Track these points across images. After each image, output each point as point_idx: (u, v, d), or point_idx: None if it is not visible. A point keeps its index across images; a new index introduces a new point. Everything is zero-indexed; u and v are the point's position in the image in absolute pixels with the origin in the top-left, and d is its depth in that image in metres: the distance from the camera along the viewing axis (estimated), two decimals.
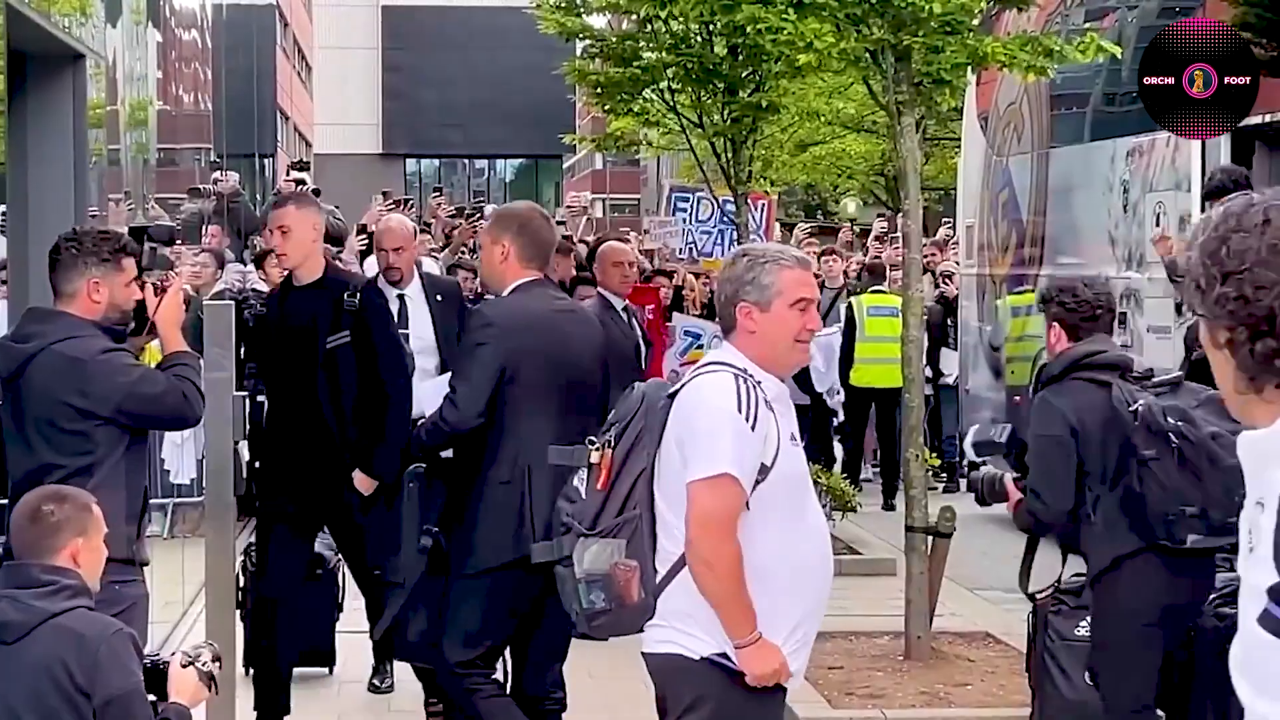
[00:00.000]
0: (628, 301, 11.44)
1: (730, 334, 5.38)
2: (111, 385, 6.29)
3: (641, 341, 11.30)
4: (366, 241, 16.44)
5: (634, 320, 11.42)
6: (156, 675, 5.26)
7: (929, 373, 16.56)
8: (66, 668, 4.99)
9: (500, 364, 7.06)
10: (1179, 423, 6.98)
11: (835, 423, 17.66)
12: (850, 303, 17.08)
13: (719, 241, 16.43)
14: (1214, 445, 6.89)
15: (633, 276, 11.42)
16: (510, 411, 7.09)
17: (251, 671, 8.88)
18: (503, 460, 7.08)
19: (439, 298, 9.82)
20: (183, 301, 6.90)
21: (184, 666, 5.29)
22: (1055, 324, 7.29)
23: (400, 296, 10.12)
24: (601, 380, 7.36)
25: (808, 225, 25.71)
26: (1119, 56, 11.80)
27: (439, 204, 19.39)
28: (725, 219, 15.79)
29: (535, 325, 7.15)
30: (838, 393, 17.11)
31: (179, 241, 13.14)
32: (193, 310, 9.20)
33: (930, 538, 10.13)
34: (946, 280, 18.55)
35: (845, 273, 18.60)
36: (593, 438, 5.48)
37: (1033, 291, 15.37)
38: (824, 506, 13.38)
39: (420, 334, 10.00)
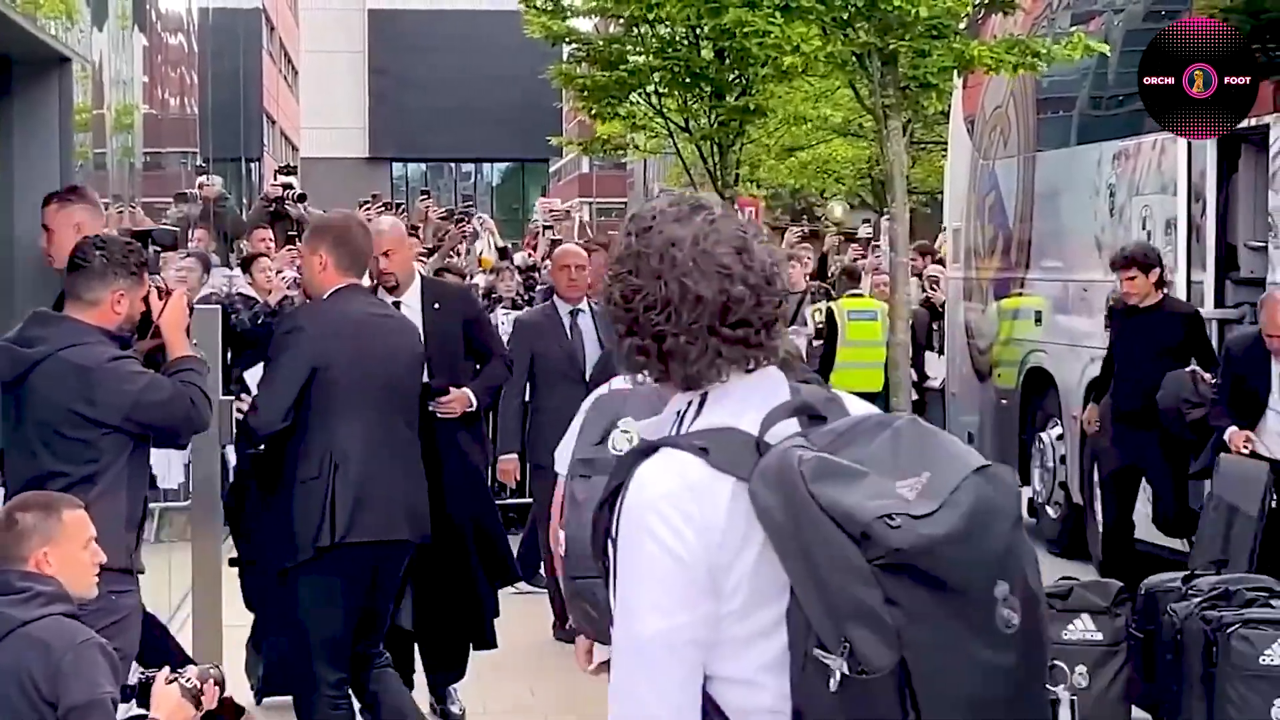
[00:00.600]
0: (581, 304, 10.84)
1: None
2: (119, 393, 6.24)
3: (599, 345, 10.40)
4: None
5: (593, 323, 10.67)
6: (145, 691, 5.25)
7: (914, 376, 16.54)
8: (32, 676, 4.98)
9: (308, 366, 7.18)
10: None
11: None
12: (829, 307, 17.05)
13: None
14: None
15: (581, 280, 10.89)
16: (319, 411, 7.20)
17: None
18: (310, 457, 7.18)
19: (436, 305, 9.69)
20: (186, 305, 6.86)
21: (168, 683, 5.25)
22: None
23: (395, 304, 10.10)
24: (419, 381, 7.72)
25: (799, 229, 25.69)
26: (1106, 57, 11.82)
27: (428, 207, 19.37)
28: None
29: (347, 329, 7.28)
30: None
31: (179, 246, 13.11)
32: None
33: None
34: (934, 285, 18.54)
35: (808, 276, 18.54)
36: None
37: (1020, 295, 15.38)
38: None
39: None
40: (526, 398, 10.98)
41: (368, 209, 17.45)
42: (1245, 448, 10.28)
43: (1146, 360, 11.32)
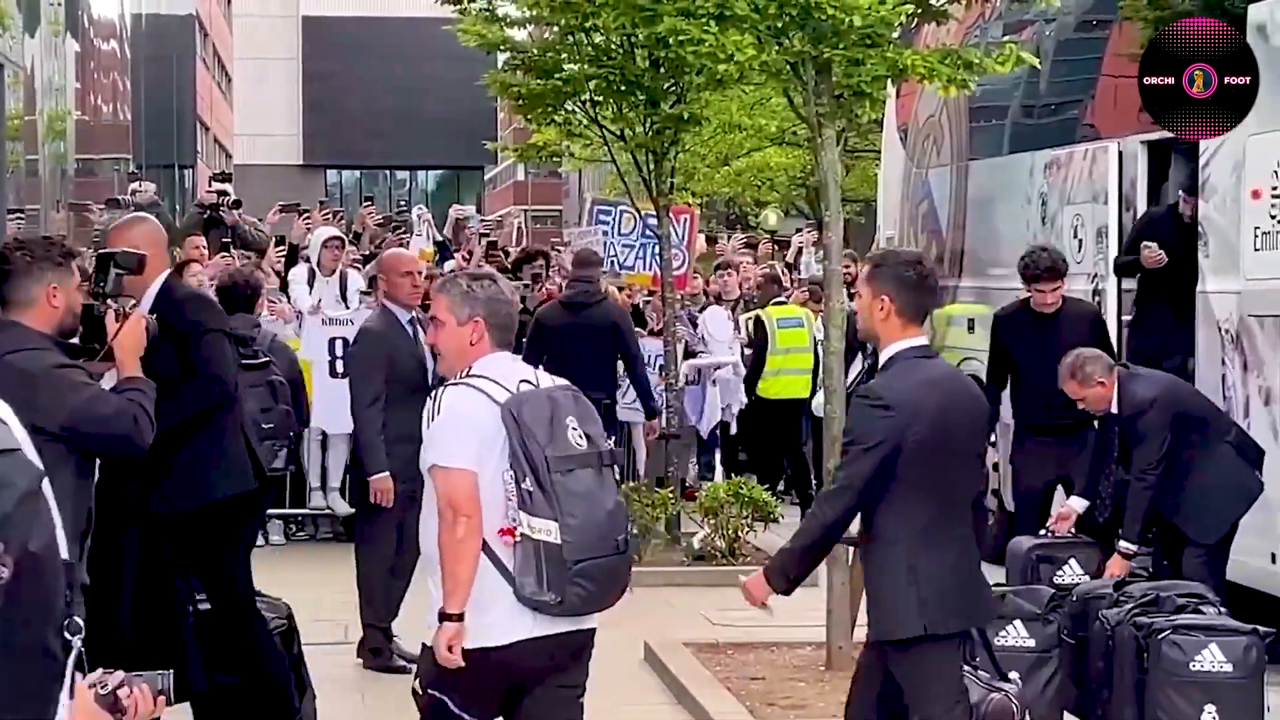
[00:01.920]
0: (415, 312, 10.49)
1: None
2: (61, 402, 6.19)
3: (429, 355, 9.89)
4: (286, 253, 16.41)
5: (420, 332, 10.22)
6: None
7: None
8: None
9: None
10: None
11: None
12: (758, 315, 17.10)
13: (640, 255, 16.44)
14: None
15: (422, 286, 10.54)
16: None
17: None
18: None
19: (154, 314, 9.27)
20: (144, 330, 6.80)
21: (89, 688, 5.08)
22: None
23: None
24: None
25: (743, 237, 25.73)
26: (1037, 66, 11.88)
27: (368, 213, 19.35)
28: (647, 232, 15.81)
29: None
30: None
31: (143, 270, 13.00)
32: None
33: (851, 548, 10.15)
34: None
35: (740, 285, 18.60)
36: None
37: (953, 303, 15.44)
38: (746, 518, 13.49)
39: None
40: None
41: (308, 218, 17.37)
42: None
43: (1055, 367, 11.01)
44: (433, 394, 6.15)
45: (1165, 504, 9.63)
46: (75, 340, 6.68)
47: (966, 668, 6.75)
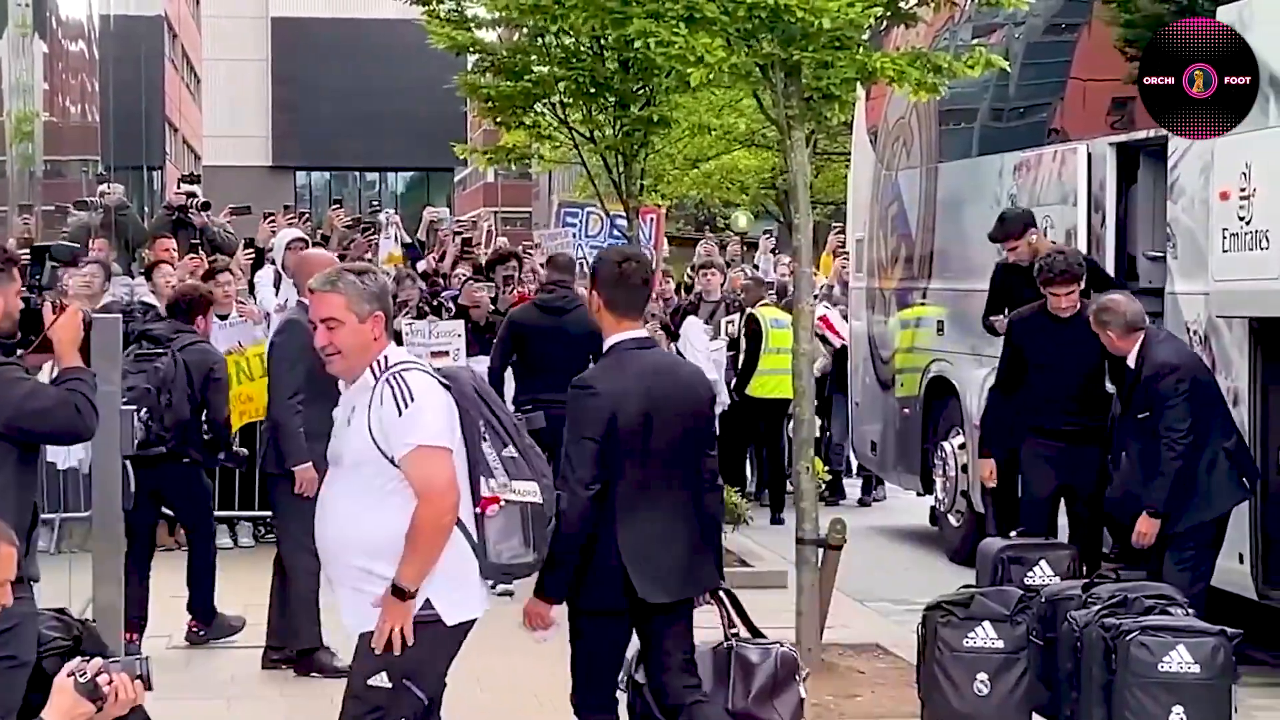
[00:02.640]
0: None
1: None
2: (2, 399, 6.20)
3: None
4: (254, 256, 16.38)
5: None
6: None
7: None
8: None
9: None
10: None
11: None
12: (751, 314, 17.10)
13: None
14: None
15: None
16: None
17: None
18: None
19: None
20: (81, 321, 6.79)
21: (67, 676, 5.05)
22: None
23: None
24: None
25: (714, 237, 25.70)
26: (1007, 71, 11.90)
27: (337, 215, 19.30)
28: (615, 233, 15.80)
29: None
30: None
31: (80, 263, 12.98)
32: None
33: (821, 550, 10.16)
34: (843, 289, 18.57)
35: (721, 286, 18.59)
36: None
37: (922, 305, 15.47)
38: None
39: None
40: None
41: (274, 221, 17.32)
42: None
43: (1077, 374, 10.87)
44: (385, 382, 6.12)
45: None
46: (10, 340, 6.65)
47: (733, 636, 7.46)
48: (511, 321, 13.45)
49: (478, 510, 6.16)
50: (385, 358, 6.18)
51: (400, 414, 6.03)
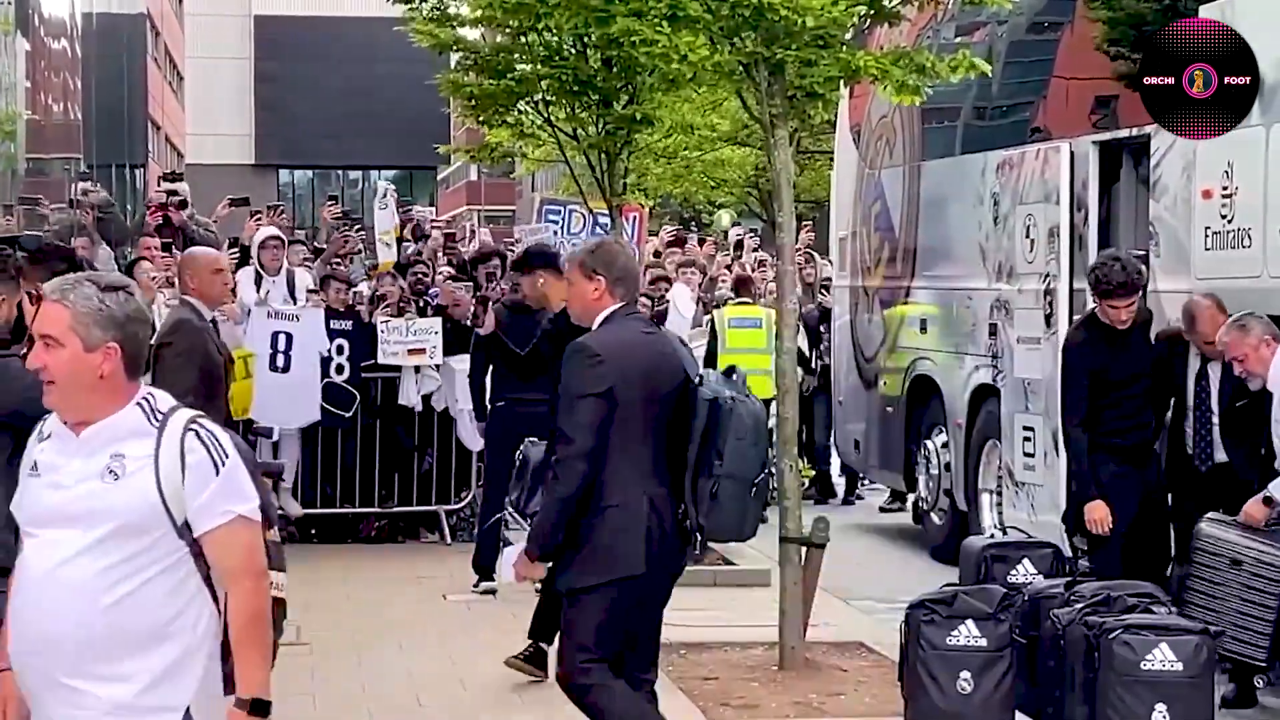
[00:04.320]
0: (215, 313, 10.22)
1: None
2: (7, 389, 6.22)
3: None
4: (239, 254, 16.35)
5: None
6: None
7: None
8: None
9: None
10: None
11: None
12: (712, 315, 17.08)
13: None
14: None
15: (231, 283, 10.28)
16: None
17: None
18: None
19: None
20: None
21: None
22: None
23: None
24: None
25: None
26: (989, 74, 11.90)
27: (330, 210, 19.32)
28: (598, 231, 15.77)
29: None
30: None
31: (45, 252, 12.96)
32: None
33: (804, 548, 10.17)
34: (824, 290, 18.57)
35: (701, 285, 18.54)
36: None
37: (905, 303, 15.48)
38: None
39: None
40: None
41: (259, 218, 17.27)
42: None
43: (1142, 386, 10.36)
44: (187, 430, 4.80)
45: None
46: None
47: None
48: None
49: None
50: (152, 396, 4.87)
51: (218, 473, 4.75)
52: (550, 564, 7.11)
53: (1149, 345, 10.45)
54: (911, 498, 15.79)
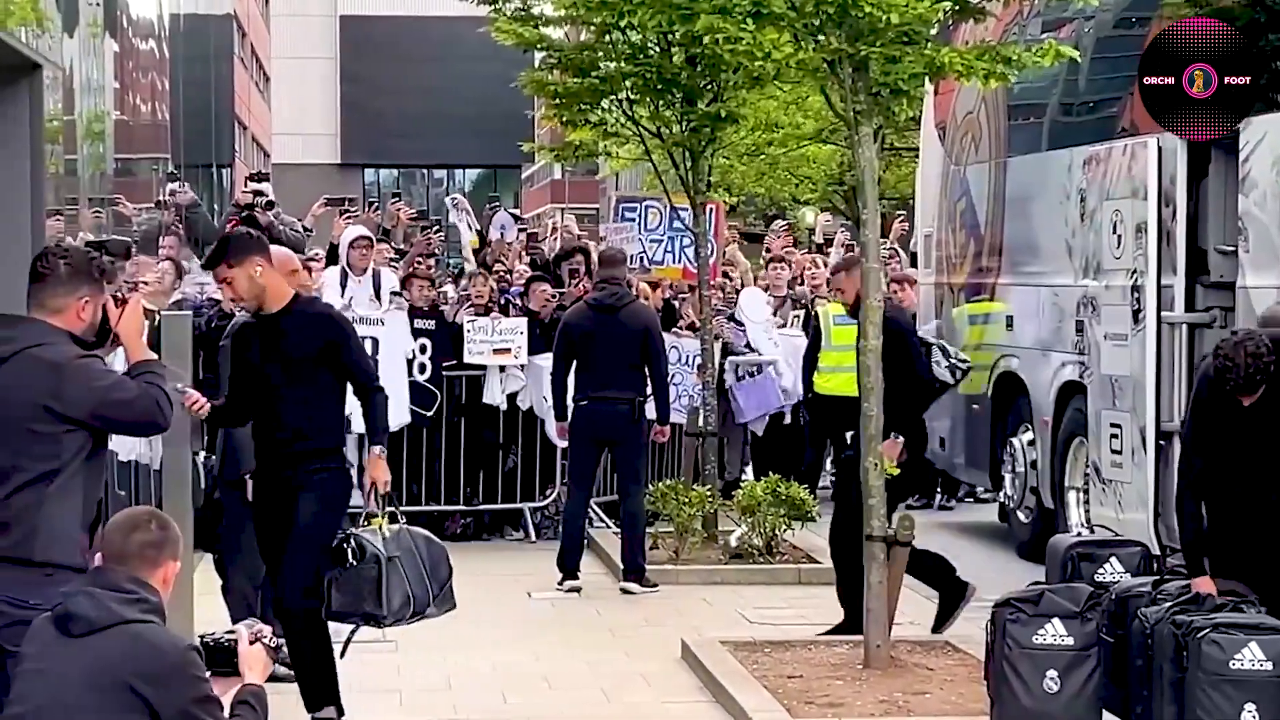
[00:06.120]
0: None
1: None
2: (87, 390, 6.29)
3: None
4: (326, 252, 16.45)
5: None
6: (225, 653, 5.60)
7: None
8: (138, 675, 5.22)
9: None
10: None
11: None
12: (816, 311, 17.03)
13: (669, 249, 16.36)
14: None
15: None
16: None
17: None
18: None
19: None
20: (144, 313, 6.89)
21: (251, 644, 5.53)
22: None
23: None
24: None
25: (783, 224, 25.46)
26: (1077, 63, 11.83)
27: (399, 208, 19.21)
28: (677, 226, 15.74)
29: None
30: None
31: (134, 255, 13.08)
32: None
33: (889, 546, 10.14)
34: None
35: (791, 283, 18.47)
36: None
37: (990, 300, 15.41)
38: (783, 517, 13.44)
39: None
40: None
41: (349, 216, 17.33)
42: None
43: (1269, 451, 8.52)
44: None
45: None
46: None
47: None
48: (565, 326, 13.32)
49: None
50: None
51: None
52: None
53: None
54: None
